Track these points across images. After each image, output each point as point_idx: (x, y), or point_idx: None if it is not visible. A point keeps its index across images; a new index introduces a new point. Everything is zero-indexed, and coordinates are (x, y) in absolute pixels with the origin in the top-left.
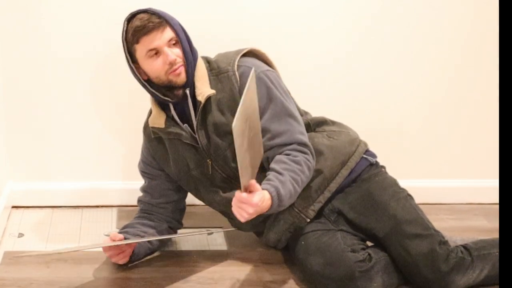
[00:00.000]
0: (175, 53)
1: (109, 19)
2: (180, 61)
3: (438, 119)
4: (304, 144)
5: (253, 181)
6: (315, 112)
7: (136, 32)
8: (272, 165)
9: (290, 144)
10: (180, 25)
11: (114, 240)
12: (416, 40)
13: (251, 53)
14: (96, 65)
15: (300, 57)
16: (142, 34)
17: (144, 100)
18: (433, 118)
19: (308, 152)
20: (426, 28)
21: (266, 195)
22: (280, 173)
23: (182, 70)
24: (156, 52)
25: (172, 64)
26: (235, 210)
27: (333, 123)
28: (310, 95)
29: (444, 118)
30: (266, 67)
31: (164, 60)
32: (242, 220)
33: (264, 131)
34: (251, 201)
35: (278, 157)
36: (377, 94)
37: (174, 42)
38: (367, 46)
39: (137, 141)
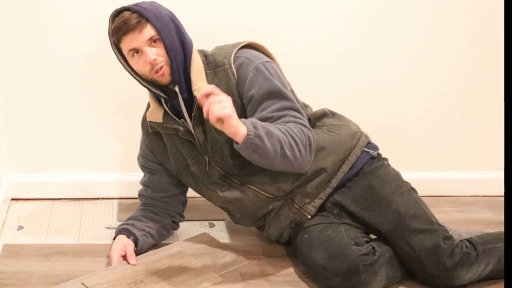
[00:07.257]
0: (155, 53)
1: (108, 13)
2: (161, 60)
3: (442, 111)
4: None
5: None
6: (317, 105)
7: (115, 33)
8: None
9: (284, 109)
10: (168, 19)
11: (128, 260)
12: (419, 32)
13: (250, 46)
14: (95, 58)
15: (303, 49)
16: (121, 34)
17: (143, 92)
18: (437, 110)
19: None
20: (429, 20)
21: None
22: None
23: (165, 70)
24: (138, 51)
25: (152, 64)
26: (207, 108)
27: (333, 114)
28: (312, 87)
29: (448, 110)
30: (266, 58)
31: (145, 60)
32: (222, 112)
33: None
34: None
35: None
36: (381, 86)
37: (155, 39)
38: (370, 38)
39: (137, 133)
